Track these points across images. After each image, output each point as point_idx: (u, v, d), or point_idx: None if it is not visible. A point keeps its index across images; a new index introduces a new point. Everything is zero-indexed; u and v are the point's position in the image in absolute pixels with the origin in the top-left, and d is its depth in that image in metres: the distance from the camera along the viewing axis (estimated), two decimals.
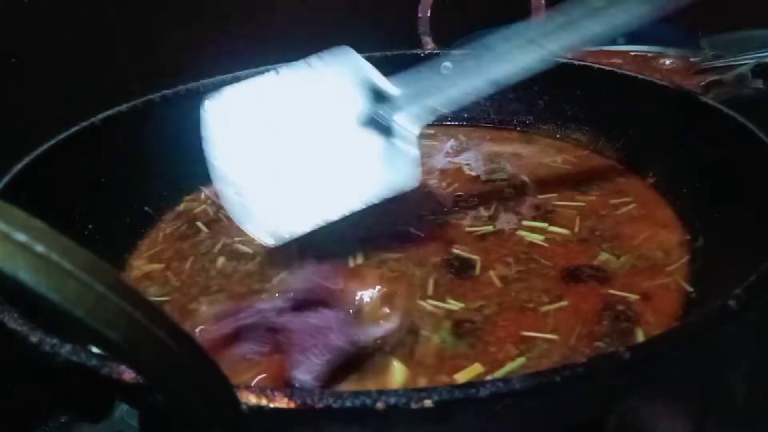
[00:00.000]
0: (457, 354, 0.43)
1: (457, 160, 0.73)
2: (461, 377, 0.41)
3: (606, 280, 0.50)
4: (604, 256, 0.52)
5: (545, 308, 0.47)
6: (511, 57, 0.50)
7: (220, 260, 0.56)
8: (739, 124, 0.52)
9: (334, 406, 0.26)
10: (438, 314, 0.46)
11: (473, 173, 0.69)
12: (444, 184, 0.68)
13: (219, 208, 0.66)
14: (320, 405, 0.26)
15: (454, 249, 0.54)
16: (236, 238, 0.59)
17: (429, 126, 0.84)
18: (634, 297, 0.47)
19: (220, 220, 0.63)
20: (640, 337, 0.44)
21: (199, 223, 0.63)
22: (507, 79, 0.51)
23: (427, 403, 0.26)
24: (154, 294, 0.52)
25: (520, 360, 0.42)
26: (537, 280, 0.50)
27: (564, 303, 0.47)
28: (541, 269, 0.51)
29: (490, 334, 0.44)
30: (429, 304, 0.47)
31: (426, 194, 0.65)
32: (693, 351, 0.31)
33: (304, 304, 0.44)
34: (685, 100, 0.61)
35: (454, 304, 0.47)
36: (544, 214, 0.59)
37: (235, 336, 0.42)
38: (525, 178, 0.67)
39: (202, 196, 0.69)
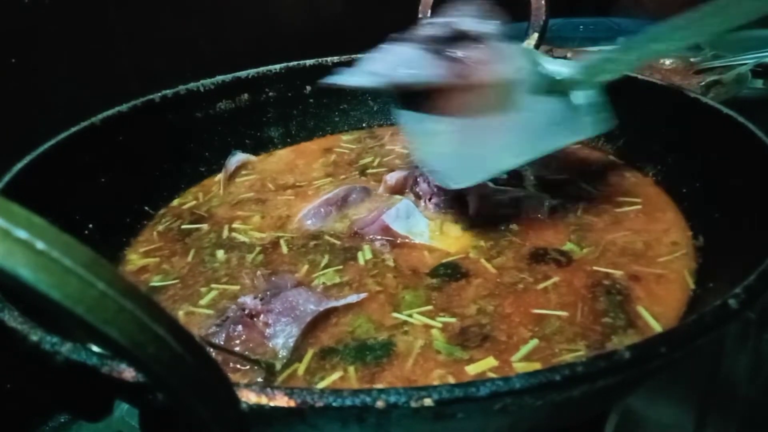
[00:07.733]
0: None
1: None
2: (472, 369, 0.41)
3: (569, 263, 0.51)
4: (569, 246, 0.54)
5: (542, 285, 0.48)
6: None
7: (220, 252, 0.57)
8: (739, 124, 0.52)
9: (334, 404, 0.26)
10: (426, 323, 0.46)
11: None
12: None
13: (218, 205, 0.66)
14: (320, 404, 0.26)
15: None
16: (235, 234, 0.60)
17: None
18: (618, 273, 0.49)
19: (219, 217, 0.64)
20: (639, 309, 0.45)
21: (199, 220, 0.63)
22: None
23: (427, 401, 0.26)
24: (157, 281, 0.54)
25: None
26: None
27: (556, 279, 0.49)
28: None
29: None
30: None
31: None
32: (693, 351, 0.31)
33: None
34: (685, 101, 0.61)
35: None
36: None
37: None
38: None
39: (200, 194, 0.69)
